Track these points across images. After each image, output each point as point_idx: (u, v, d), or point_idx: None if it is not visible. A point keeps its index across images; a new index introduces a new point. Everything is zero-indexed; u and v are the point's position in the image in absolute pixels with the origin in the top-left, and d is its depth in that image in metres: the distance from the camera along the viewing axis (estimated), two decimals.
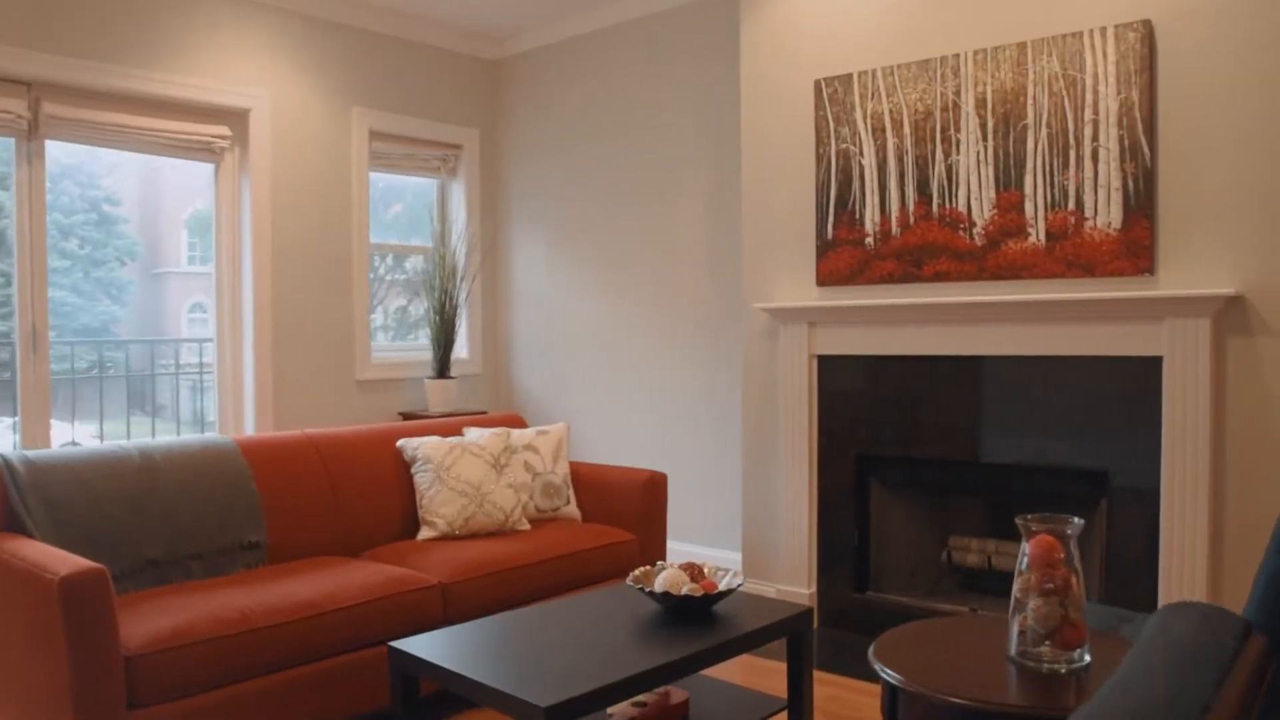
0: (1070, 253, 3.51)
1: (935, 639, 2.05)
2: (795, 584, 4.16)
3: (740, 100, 4.34)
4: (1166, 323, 3.31)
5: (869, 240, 3.95)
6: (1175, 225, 3.36)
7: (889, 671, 1.87)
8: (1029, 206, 3.59)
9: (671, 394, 5.11)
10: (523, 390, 5.83)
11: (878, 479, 4.06)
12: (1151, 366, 3.38)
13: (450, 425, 4.04)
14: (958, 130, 3.73)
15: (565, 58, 5.58)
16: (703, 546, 4.98)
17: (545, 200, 5.70)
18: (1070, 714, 1.33)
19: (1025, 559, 1.86)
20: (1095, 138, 3.45)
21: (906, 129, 3.84)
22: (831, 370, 4.07)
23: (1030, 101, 3.57)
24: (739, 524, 4.82)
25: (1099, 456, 3.50)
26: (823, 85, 4.04)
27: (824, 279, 4.08)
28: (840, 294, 4.06)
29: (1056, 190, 3.53)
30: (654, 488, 3.89)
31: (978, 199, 3.69)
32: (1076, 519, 1.82)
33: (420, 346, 5.66)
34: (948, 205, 3.76)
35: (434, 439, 3.76)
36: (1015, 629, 1.87)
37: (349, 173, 5.21)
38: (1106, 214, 3.44)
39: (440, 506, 3.60)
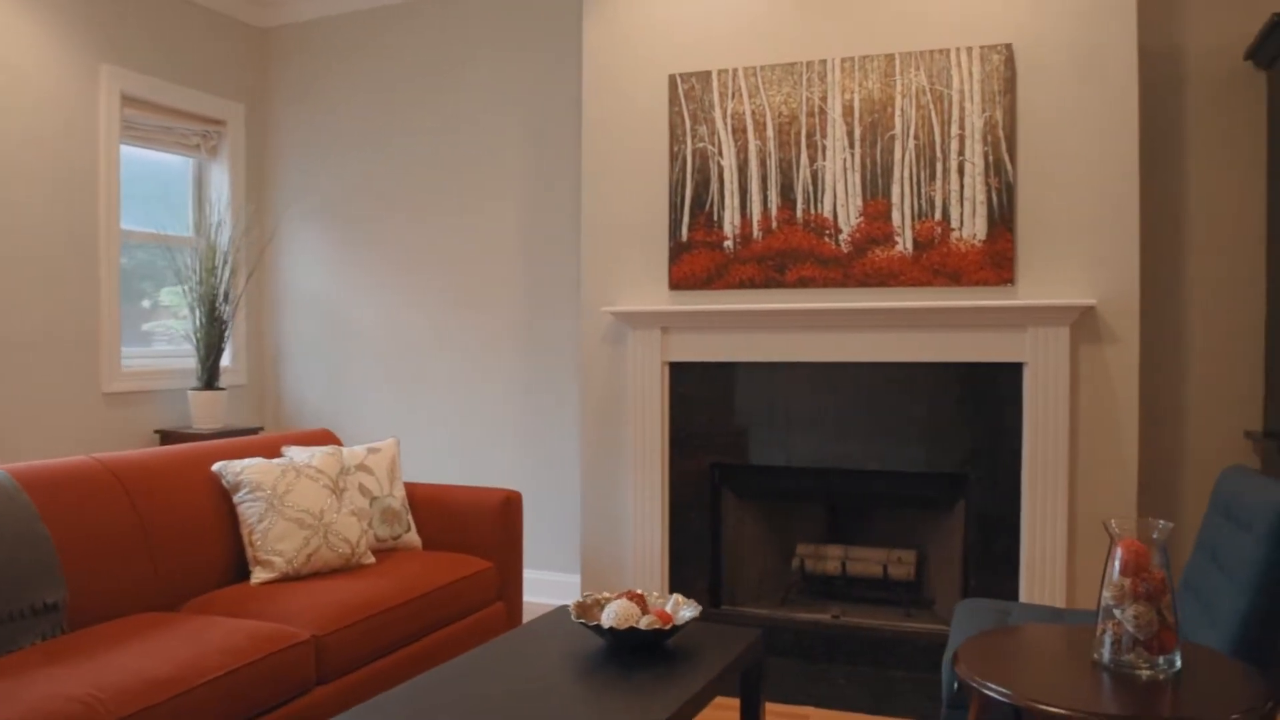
0: (937, 262, 3.59)
1: (1014, 650, 1.93)
2: None
3: (582, 91, 4.07)
4: (1029, 331, 3.47)
5: (728, 243, 3.82)
6: (1034, 238, 3.54)
7: (995, 687, 1.71)
8: (896, 215, 3.63)
9: (483, 407, 4.70)
10: (296, 404, 5.12)
11: (733, 489, 3.94)
12: (1013, 372, 3.52)
13: (266, 444, 3.40)
14: (824, 136, 3.70)
15: (352, 31, 4.99)
16: (532, 570, 4.60)
17: (327, 193, 5.05)
18: None
19: (1117, 564, 1.78)
20: (961, 152, 3.56)
21: (770, 132, 3.76)
22: (686, 377, 3.90)
23: (898, 113, 3.62)
24: (573, 542, 4.50)
25: (960, 459, 3.59)
26: (679, 81, 3.87)
27: (678, 282, 3.90)
28: (696, 298, 3.90)
29: (923, 201, 3.60)
30: (510, 509, 3.50)
31: (844, 206, 3.69)
32: (1163, 522, 1.76)
33: (181, 353, 4.78)
34: (813, 211, 3.72)
35: (259, 461, 3.13)
36: (1109, 636, 1.78)
37: (96, 143, 4.29)
38: (972, 226, 3.55)
39: (277, 541, 2.99)
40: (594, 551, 4.06)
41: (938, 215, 3.59)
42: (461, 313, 4.74)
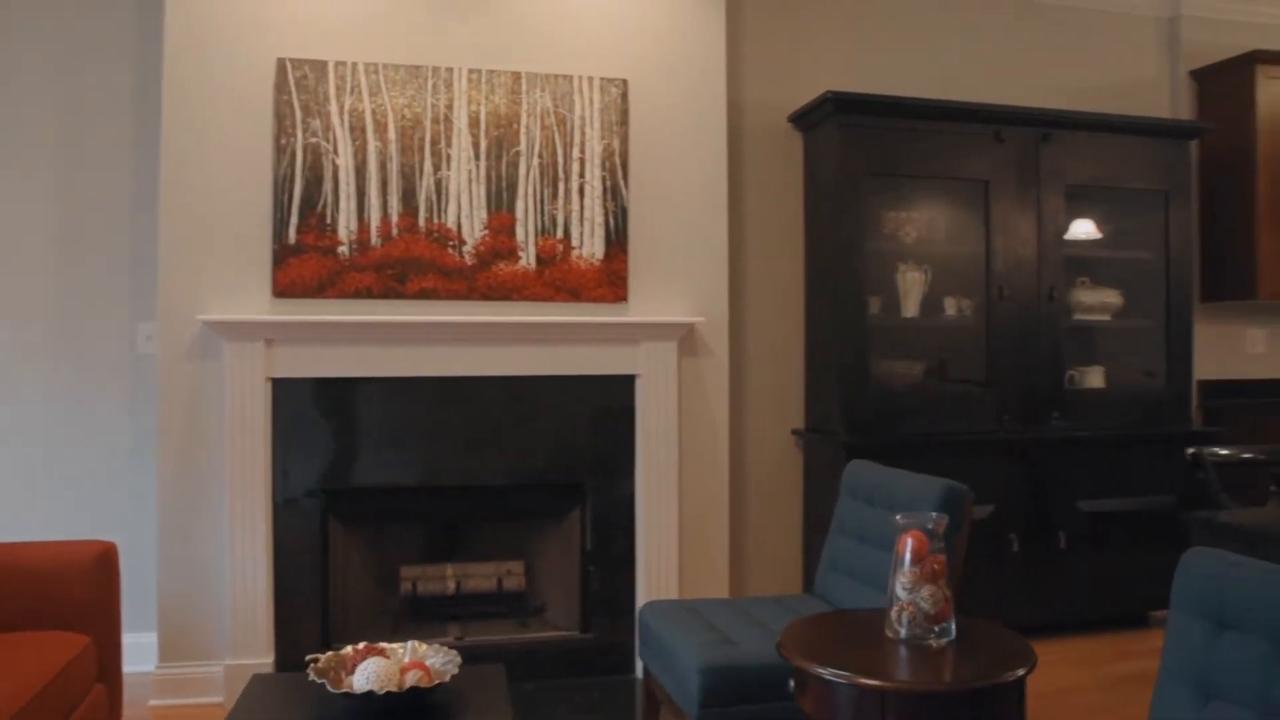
0: (559, 278, 3.71)
1: (824, 637, 2.10)
2: (248, 654, 3.43)
3: (163, 62, 3.42)
4: (642, 345, 3.76)
5: (343, 249, 3.52)
6: (644, 260, 3.83)
7: (835, 671, 1.88)
8: (520, 230, 3.67)
9: (8, 440, 3.68)
10: None
11: (347, 515, 3.63)
12: (626, 384, 3.78)
13: None
14: (450, 145, 3.60)
15: None
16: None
17: None
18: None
19: (908, 554, 2.06)
20: (582, 174, 3.72)
21: (392, 134, 3.55)
22: (293, 395, 3.50)
23: (524, 130, 3.67)
24: (144, 596, 3.70)
25: (578, 469, 3.75)
26: (289, 66, 3.46)
27: (284, 289, 3.49)
28: (306, 307, 3.52)
29: (546, 218, 3.70)
30: (107, 565, 2.82)
31: (469, 217, 3.63)
32: (936, 514, 2.09)
33: None
34: (436, 220, 3.60)
35: None
36: (906, 616, 2.05)
37: None
38: (591, 245, 3.74)
39: None
40: (176, 604, 3.44)
41: (559, 233, 3.71)
42: None
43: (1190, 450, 2.96)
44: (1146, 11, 4.91)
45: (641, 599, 3.77)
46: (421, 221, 3.58)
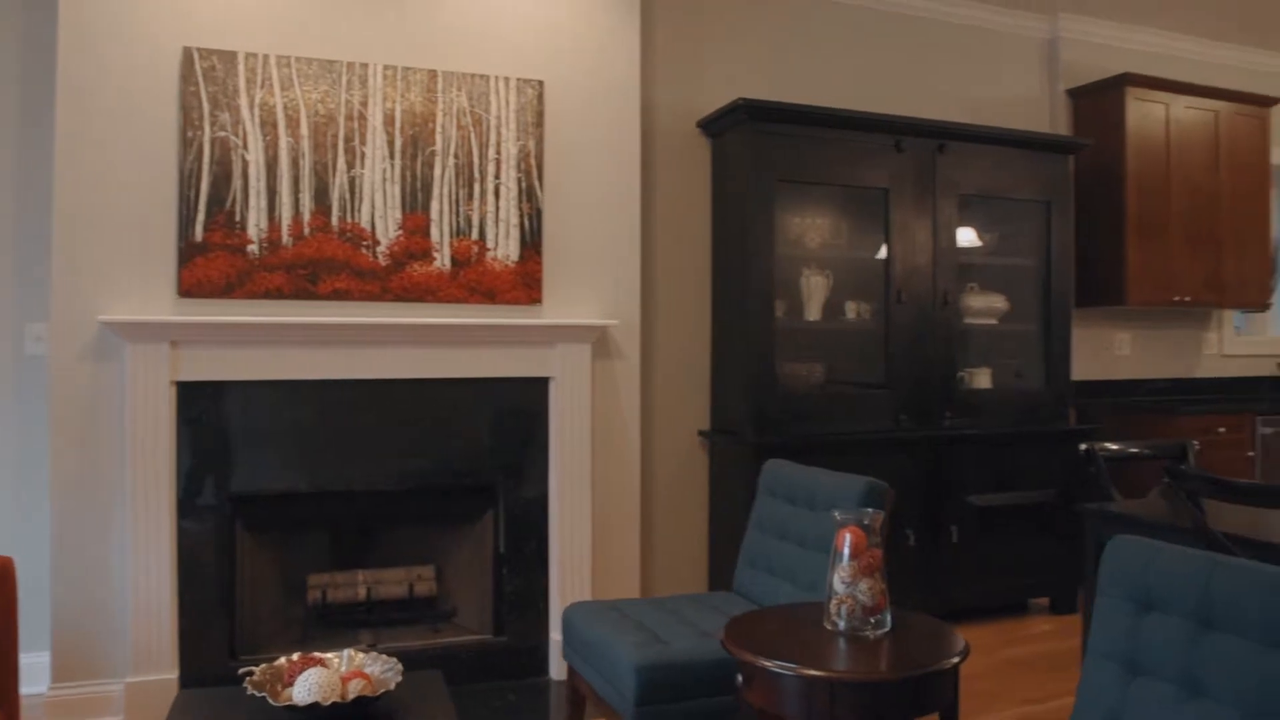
0: (474, 279, 3.68)
1: (766, 631, 2.15)
2: (150, 671, 3.28)
3: (58, 47, 3.23)
4: (557, 347, 3.76)
5: (253, 248, 3.41)
6: (558, 262, 3.84)
7: (783, 663, 1.94)
8: (435, 231, 3.63)
9: None
10: None
11: (255, 523, 3.51)
12: (540, 386, 3.78)
13: None
14: (364, 143, 3.53)
15: None
16: None
17: None
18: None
19: (846, 549, 2.13)
20: (498, 176, 3.70)
21: (305, 130, 3.46)
22: (199, 399, 3.36)
23: (439, 130, 3.62)
24: (36, 612, 3.46)
25: (492, 471, 3.73)
26: (196, 55, 3.33)
27: (190, 289, 3.35)
28: (213, 308, 3.39)
29: (461, 219, 3.66)
30: (4, 582, 2.67)
31: (383, 217, 3.56)
32: (871, 510, 2.17)
33: None
34: (350, 219, 3.52)
35: None
36: (845, 608, 2.12)
37: None
38: (506, 247, 3.72)
39: None
40: (71, 620, 3.27)
41: (475, 235, 3.68)
42: None
43: (1083, 446, 3.16)
44: (1029, 33, 5.19)
45: (555, 600, 3.78)
46: (335, 221, 3.50)
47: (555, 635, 3.78)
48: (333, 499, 3.58)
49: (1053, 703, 3.45)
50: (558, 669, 3.76)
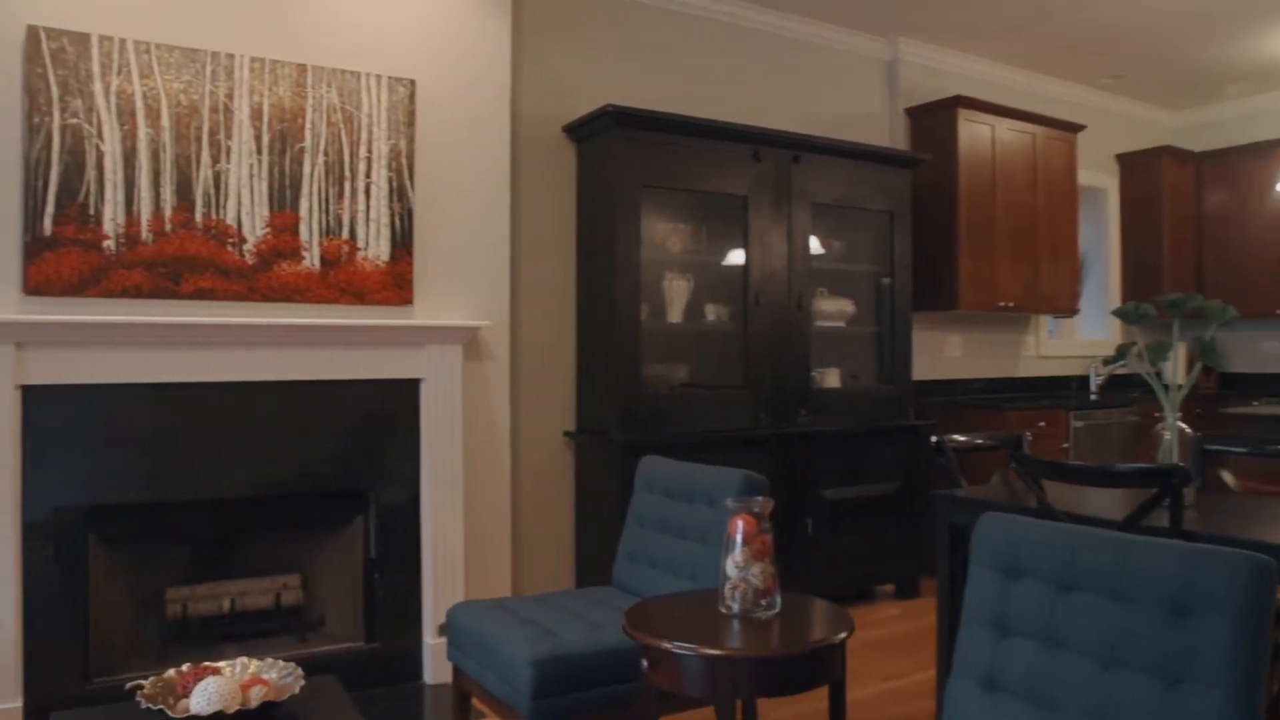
0: (344, 280, 3.62)
1: (665, 617, 2.22)
2: None
3: None
4: (428, 349, 3.74)
5: (109, 244, 3.24)
6: (429, 262, 3.82)
7: (687, 645, 2.03)
8: (304, 230, 3.55)
9: None
10: None
11: (108, 535, 3.32)
12: (411, 388, 3.75)
13: None
14: (230, 137, 3.41)
15: None
16: None
17: None
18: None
19: (739, 536, 2.23)
20: (369, 174, 3.66)
21: (166, 121, 3.32)
22: (48, 405, 3.16)
23: (309, 126, 3.55)
24: None
25: (361, 475, 3.67)
26: (43, 35, 3.14)
27: (39, 287, 3.15)
28: (64, 307, 3.20)
29: (331, 218, 3.60)
30: None
31: (250, 214, 3.46)
32: (761, 498, 2.28)
33: None
34: (215, 216, 3.40)
35: None
36: (739, 593, 2.23)
37: None
38: (377, 247, 3.68)
39: None
40: None
41: (345, 234, 3.62)
42: None
43: (934, 438, 3.40)
44: (872, 54, 5.52)
45: (429, 603, 3.75)
46: (199, 217, 3.37)
47: (429, 639, 3.75)
48: (195, 508, 3.44)
49: (911, 678, 3.70)
50: (432, 673, 3.73)
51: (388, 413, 3.71)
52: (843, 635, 2.16)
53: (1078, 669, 1.78)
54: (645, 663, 2.15)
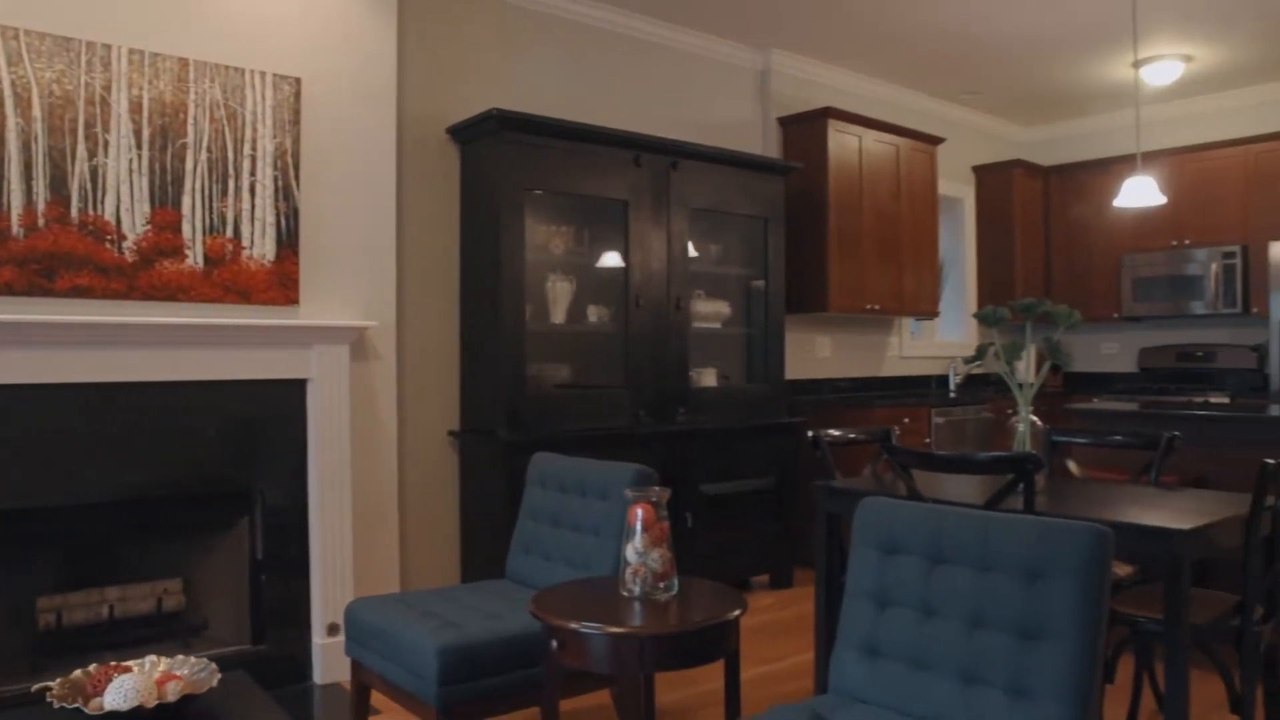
0: (228, 279, 3.57)
1: (571, 602, 2.31)
2: None
3: None
4: (315, 349, 3.73)
5: None
6: (315, 262, 3.80)
7: (594, 625, 2.12)
8: (187, 227, 3.48)
9: None
10: None
11: None
12: (298, 388, 3.72)
13: None
14: (107, 130, 3.33)
15: None
16: None
17: None
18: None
19: (639, 524, 2.34)
20: (253, 173, 3.62)
21: (37, 111, 3.21)
22: None
23: (191, 121, 3.49)
24: None
25: (247, 477, 3.63)
26: None
27: None
28: None
29: (215, 216, 3.54)
30: None
31: (129, 211, 3.38)
32: (659, 488, 2.40)
33: None
34: (92, 211, 3.31)
35: None
36: (640, 577, 2.34)
37: None
38: (262, 246, 3.64)
39: None
40: None
41: (229, 232, 3.57)
42: None
43: (810, 433, 3.60)
44: (745, 64, 5.75)
45: (318, 603, 3.73)
46: (74, 212, 3.28)
47: (319, 639, 3.73)
48: (69, 513, 3.34)
49: (786, 661, 3.90)
50: (321, 673, 3.72)
51: (274, 413, 3.68)
52: (737, 613, 2.30)
53: (949, 632, 1.98)
54: (555, 643, 2.24)
